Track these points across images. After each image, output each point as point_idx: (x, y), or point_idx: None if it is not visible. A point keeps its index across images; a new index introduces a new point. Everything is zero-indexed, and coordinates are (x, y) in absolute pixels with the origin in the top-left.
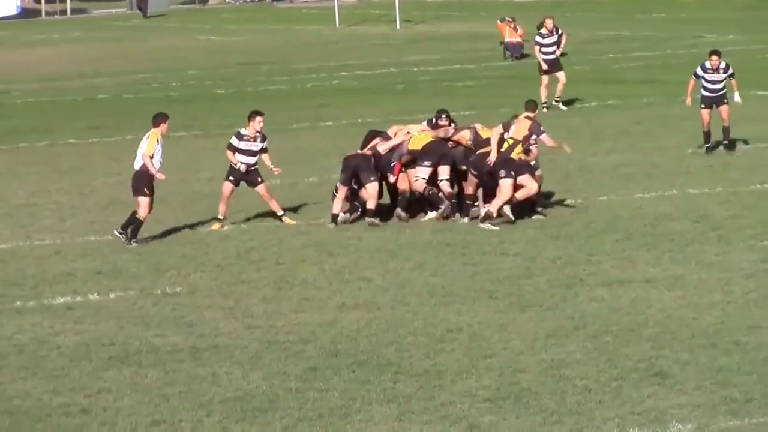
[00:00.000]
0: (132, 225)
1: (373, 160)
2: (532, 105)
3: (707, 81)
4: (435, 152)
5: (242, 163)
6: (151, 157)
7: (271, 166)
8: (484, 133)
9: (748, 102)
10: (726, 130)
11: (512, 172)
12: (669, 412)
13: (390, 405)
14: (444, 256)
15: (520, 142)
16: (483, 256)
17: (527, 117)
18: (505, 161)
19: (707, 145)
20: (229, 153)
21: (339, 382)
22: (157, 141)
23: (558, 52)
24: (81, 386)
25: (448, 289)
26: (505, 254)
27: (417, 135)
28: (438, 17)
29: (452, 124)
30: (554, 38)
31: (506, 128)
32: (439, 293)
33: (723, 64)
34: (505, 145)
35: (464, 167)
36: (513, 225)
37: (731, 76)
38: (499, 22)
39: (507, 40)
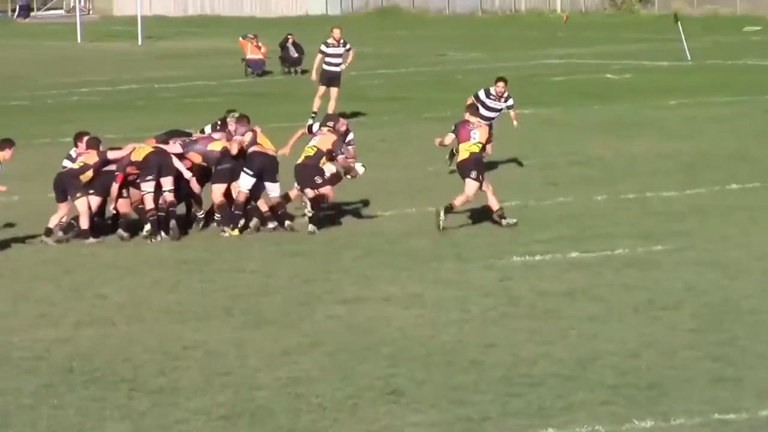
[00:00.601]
0: None
1: (81, 174)
2: (333, 118)
3: (486, 108)
4: (155, 164)
5: None
6: None
7: None
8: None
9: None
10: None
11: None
12: (404, 430)
13: (124, 422)
14: (181, 273)
15: (324, 153)
16: (220, 273)
17: (330, 130)
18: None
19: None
20: None
21: (73, 399)
22: None
23: (343, 67)
24: None
25: (184, 306)
26: (242, 271)
27: (140, 145)
28: (180, 33)
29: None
30: (341, 50)
31: (312, 132)
32: (175, 310)
33: (506, 93)
34: (310, 152)
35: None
36: (249, 243)
37: (511, 107)
38: (240, 38)
39: (249, 56)
